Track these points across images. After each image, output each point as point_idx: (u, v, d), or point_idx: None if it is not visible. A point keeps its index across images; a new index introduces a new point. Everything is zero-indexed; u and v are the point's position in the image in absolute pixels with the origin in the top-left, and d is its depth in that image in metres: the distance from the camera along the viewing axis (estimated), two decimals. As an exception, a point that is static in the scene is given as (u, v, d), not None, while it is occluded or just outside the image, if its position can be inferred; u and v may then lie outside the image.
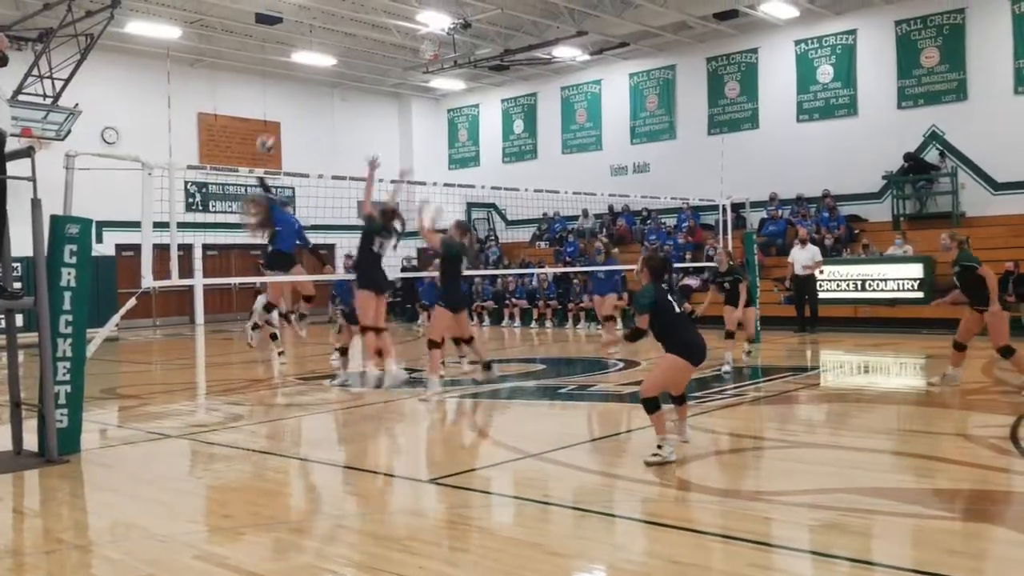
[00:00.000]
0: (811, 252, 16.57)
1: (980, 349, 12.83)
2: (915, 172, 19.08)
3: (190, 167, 10.64)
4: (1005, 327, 8.91)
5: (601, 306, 14.34)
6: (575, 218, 24.18)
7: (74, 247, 7.02)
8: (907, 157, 18.96)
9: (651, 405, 6.20)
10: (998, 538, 4.51)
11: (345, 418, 9.00)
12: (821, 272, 16.67)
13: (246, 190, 25.00)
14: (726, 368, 11.04)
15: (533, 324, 20.90)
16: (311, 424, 8.79)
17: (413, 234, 21.26)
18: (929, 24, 19.22)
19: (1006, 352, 8.86)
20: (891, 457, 6.54)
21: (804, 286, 16.54)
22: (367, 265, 9.76)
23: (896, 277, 16.51)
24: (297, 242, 11.90)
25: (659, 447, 6.14)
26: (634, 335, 6.53)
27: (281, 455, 7.03)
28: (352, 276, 10.58)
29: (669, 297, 6.52)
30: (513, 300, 21.50)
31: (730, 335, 11.54)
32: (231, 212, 24.74)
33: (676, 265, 19.02)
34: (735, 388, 9.97)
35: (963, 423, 7.73)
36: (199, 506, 5.69)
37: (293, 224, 12.00)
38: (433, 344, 9.87)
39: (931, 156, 19.05)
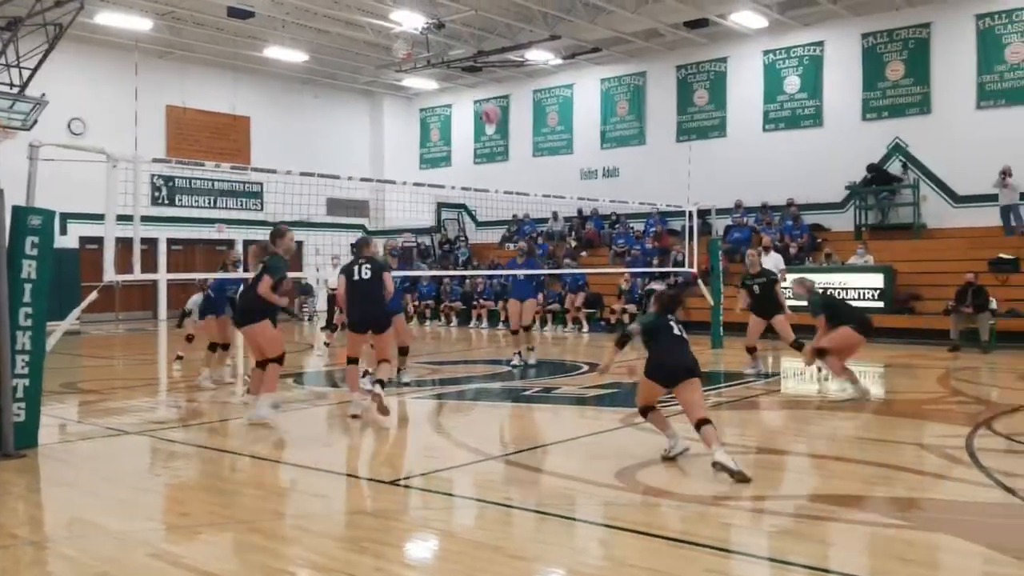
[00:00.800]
0: (774, 259, 16.73)
1: (937, 360, 13.10)
2: (878, 183, 19.38)
3: (156, 160, 10.53)
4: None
5: (517, 311, 12.62)
6: (546, 220, 24.25)
7: (36, 239, 6.92)
8: (870, 168, 19.26)
9: (642, 412, 6.65)
10: (950, 547, 4.60)
11: (307, 418, 8.96)
12: (784, 279, 16.83)
13: (213, 184, 24.81)
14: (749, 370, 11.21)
15: (500, 326, 20.91)
16: (270, 423, 8.72)
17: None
18: (895, 38, 19.55)
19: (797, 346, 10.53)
20: (848, 464, 6.64)
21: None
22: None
23: (857, 286, 16.74)
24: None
25: (668, 447, 6.51)
26: (620, 340, 6.66)
27: (241, 454, 6.98)
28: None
29: (670, 322, 6.56)
30: (481, 301, 21.49)
31: (751, 351, 11.28)
32: (198, 207, 24.51)
33: (642, 270, 19.18)
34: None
35: (919, 432, 7.87)
36: (156, 504, 5.64)
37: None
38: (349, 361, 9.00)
39: (894, 168, 19.37)
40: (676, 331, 6.54)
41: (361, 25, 21.40)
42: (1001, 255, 16.46)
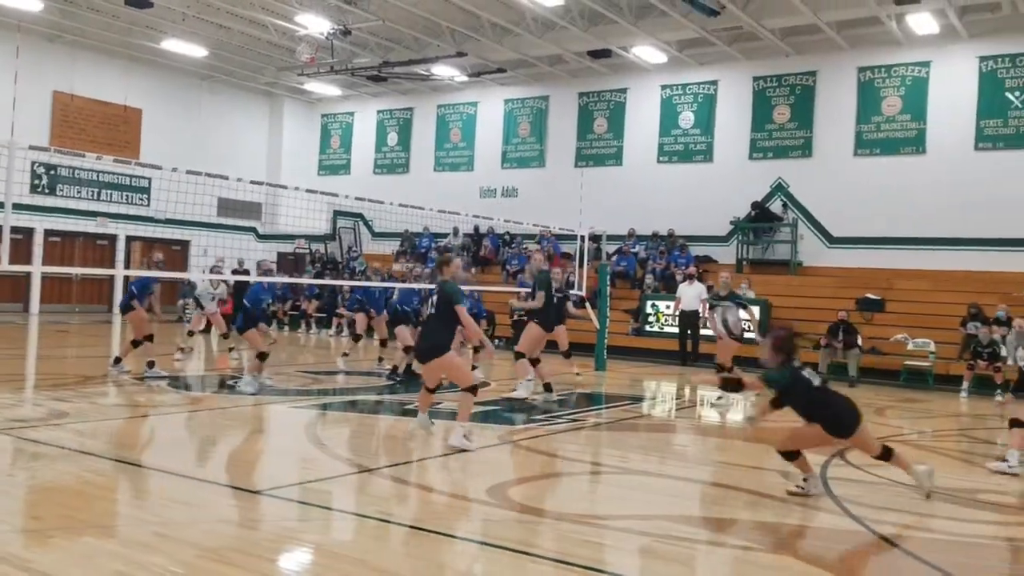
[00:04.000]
0: (698, 289, 17.19)
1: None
2: (760, 220, 20.27)
3: (32, 147, 10.07)
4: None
5: (379, 326, 13.55)
6: (446, 235, 24.30)
7: None
8: (754, 206, 20.14)
9: (789, 456, 6.54)
10: (800, 571, 4.85)
11: (178, 422, 8.72)
12: (705, 308, 17.21)
13: (98, 176, 23.86)
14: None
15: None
16: (142, 426, 8.46)
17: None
18: (783, 83, 20.55)
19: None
20: (712, 488, 6.92)
21: (689, 322, 17.08)
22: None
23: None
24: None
25: (804, 480, 6.51)
26: (776, 403, 6.71)
27: (105, 457, 6.73)
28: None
29: (804, 374, 6.46)
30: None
31: (721, 370, 11.19)
32: (80, 198, 23.51)
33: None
34: (576, 413, 10.27)
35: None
36: (7, 506, 5.38)
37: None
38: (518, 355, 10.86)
39: (776, 206, 20.30)
40: (816, 383, 6.47)
41: (265, 24, 21.04)
42: (868, 295, 17.44)
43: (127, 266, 23.02)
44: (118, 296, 24.08)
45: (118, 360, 11.43)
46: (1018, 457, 7.42)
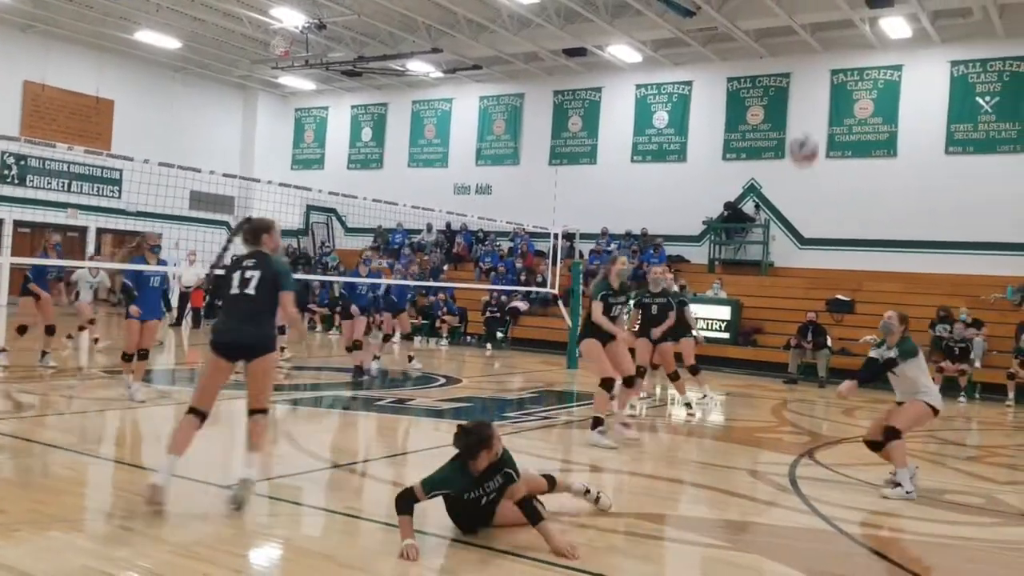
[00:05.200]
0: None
1: (774, 391, 13.86)
2: (732, 220, 20.41)
3: (1, 137, 9.90)
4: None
5: (403, 322, 13.78)
6: (419, 231, 24.22)
7: None
8: (726, 206, 20.28)
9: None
10: (769, 570, 4.90)
11: (148, 416, 8.63)
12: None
13: (68, 167, 23.55)
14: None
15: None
16: (109, 420, 8.37)
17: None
18: (757, 84, 20.71)
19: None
20: (682, 487, 6.98)
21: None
22: None
23: (706, 317, 17.55)
24: None
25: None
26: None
27: (72, 450, 6.66)
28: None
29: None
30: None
31: (640, 374, 10.15)
32: (51, 189, 23.18)
33: (507, 288, 19.43)
34: (548, 411, 10.30)
35: (751, 459, 8.33)
36: (-29, 501, 5.31)
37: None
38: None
39: (748, 207, 20.46)
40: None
41: (239, 17, 20.87)
42: (838, 296, 17.64)
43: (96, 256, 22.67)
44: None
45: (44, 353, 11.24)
46: (909, 474, 6.62)
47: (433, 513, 5.04)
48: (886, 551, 5.27)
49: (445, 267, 22.61)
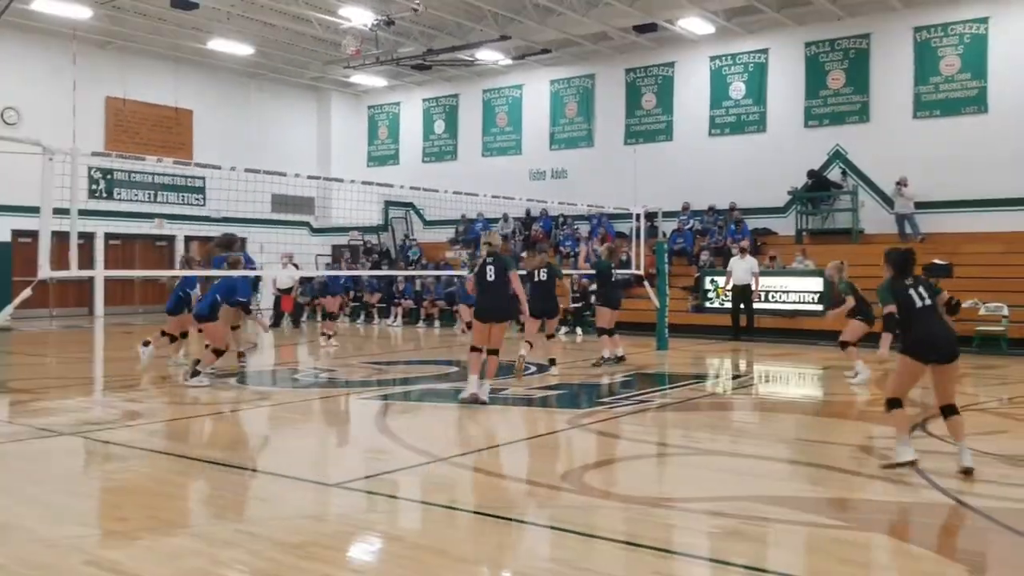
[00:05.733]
0: (750, 263, 16.98)
1: (873, 363, 13.32)
2: (818, 189, 19.79)
3: (95, 154, 10.25)
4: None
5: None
6: (497, 220, 24.24)
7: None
8: (810, 174, 19.66)
9: (890, 404, 6.25)
10: (886, 547, 4.70)
11: (248, 418, 8.81)
12: (757, 283, 16.96)
13: (153, 178, 24.28)
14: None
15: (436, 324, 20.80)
16: (212, 424, 8.57)
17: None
18: (836, 47, 19.99)
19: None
20: (788, 466, 6.76)
21: (741, 296, 16.93)
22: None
23: (797, 289, 17.07)
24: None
25: (899, 451, 6.10)
26: (886, 324, 6.36)
27: (180, 456, 6.82)
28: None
29: (910, 292, 6.17)
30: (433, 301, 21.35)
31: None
32: (137, 201, 23.95)
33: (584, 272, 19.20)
34: (642, 394, 10.15)
35: (857, 434, 8.04)
36: (91, 508, 5.48)
37: None
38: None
39: (834, 174, 19.79)
40: (920, 303, 6.11)
41: (309, 19, 21.13)
42: (935, 260, 16.91)
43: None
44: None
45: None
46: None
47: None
48: (1004, 520, 4.96)
49: (524, 254, 22.51)
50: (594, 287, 15.64)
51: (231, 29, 21.73)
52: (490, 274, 9.13)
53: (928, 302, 6.13)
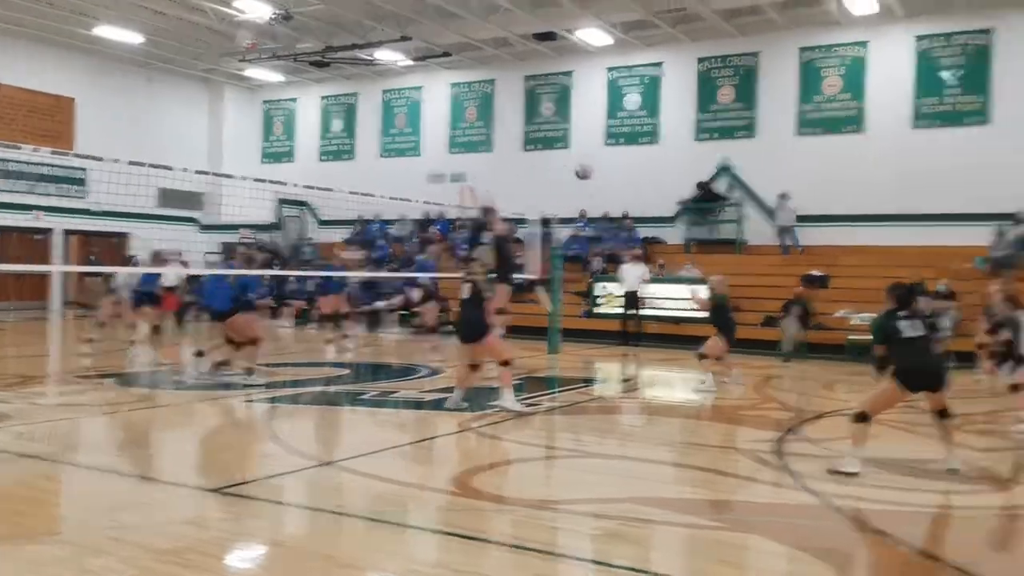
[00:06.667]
0: (641, 270, 17.39)
1: (752, 368, 13.88)
2: (706, 200, 20.44)
3: (-36, 140, 9.65)
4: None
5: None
6: (394, 222, 24.03)
7: None
8: (699, 186, 20.30)
9: (860, 417, 6.55)
10: (762, 548, 4.89)
11: (126, 421, 8.48)
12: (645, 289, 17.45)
13: (31, 168, 23.08)
14: None
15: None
16: (87, 426, 8.21)
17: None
18: (727, 64, 20.71)
19: None
20: (671, 468, 6.97)
21: (631, 302, 17.33)
22: None
23: (683, 297, 17.58)
24: None
25: (848, 462, 6.40)
26: (879, 363, 6.77)
27: (51, 460, 6.51)
28: None
29: (898, 324, 6.58)
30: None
31: None
32: (13, 191, 22.70)
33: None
34: (531, 397, 10.26)
35: (734, 437, 8.34)
36: (-50, 515, 5.17)
37: None
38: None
39: (721, 187, 20.50)
40: (906, 334, 6.53)
41: (203, 9, 20.47)
42: (812, 272, 17.70)
43: (66, 261, 22.39)
44: (56, 293, 23.39)
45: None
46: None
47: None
48: (877, 523, 5.26)
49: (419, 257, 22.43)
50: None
51: (120, 16, 20.84)
52: (464, 291, 9.04)
53: (920, 333, 6.59)
